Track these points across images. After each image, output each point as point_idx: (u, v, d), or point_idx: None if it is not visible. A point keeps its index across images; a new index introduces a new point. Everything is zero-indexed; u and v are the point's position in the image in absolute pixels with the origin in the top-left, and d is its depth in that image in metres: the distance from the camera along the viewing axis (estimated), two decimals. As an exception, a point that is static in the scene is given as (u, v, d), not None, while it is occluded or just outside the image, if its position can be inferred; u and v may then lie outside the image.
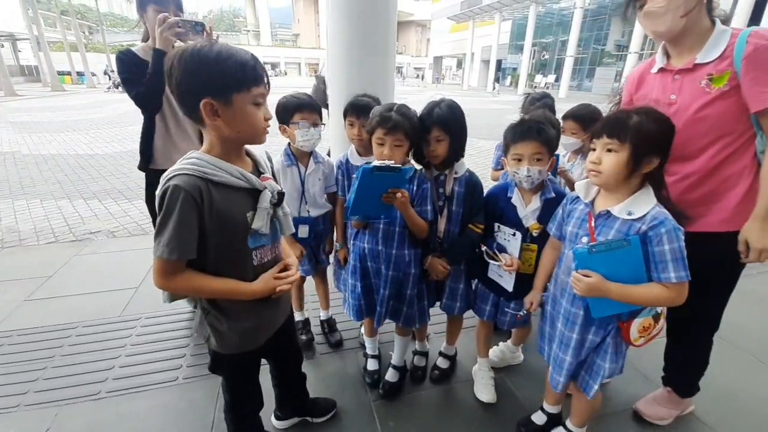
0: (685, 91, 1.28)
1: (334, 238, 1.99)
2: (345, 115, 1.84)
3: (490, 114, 13.18)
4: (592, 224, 1.21)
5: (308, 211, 1.88)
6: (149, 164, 2.01)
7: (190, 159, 0.96)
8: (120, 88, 22.13)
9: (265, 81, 0.98)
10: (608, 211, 1.17)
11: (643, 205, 1.13)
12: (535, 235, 1.53)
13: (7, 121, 10.97)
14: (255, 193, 1.05)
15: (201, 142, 1.02)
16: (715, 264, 1.23)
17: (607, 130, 1.12)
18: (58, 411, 1.69)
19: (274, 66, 55.60)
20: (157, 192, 0.94)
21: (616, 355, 1.27)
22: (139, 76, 1.79)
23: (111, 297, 2.53)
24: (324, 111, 1.95)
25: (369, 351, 1.94)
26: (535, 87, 26.04)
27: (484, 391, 1.79)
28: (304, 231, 1.88)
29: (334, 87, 2.96)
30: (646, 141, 1.09)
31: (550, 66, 30.56)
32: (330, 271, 2.08)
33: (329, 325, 2.21)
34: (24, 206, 4.29)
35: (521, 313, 1.61)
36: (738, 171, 1.28)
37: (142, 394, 1.79)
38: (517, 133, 1.46)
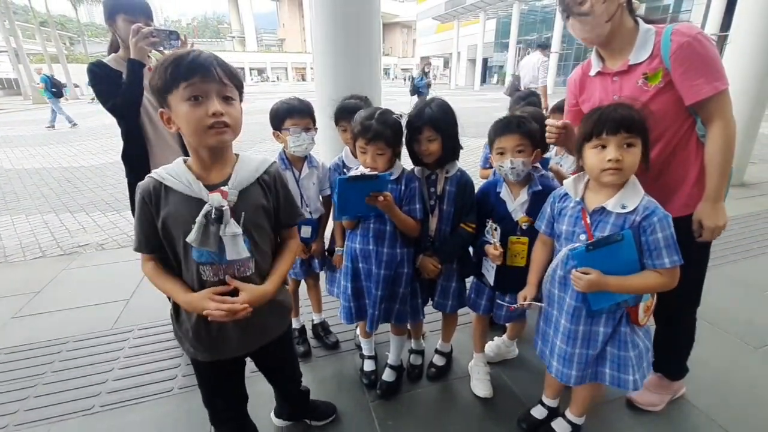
0: (625, 91, 1.34)
1: (326, 242, 1.99)
2: (337, 122, 1.85)
3: (477, 112, 13.25)
4: (588, 221, 1.23)
5: (309, 213, 1.88)
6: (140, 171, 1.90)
7: (168, 165, 1.03)
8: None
9: (215, 74, 0.90)
10: (603, 207, 1.20)
11: (634, 197, 1.17)
12: (524, 227, 1.55)
13: (-12, 135, 10.75)
14: (203, 205, 0.98)
15: (183, 150, 1.03)
16: (684, 246, 1.29)
17: (626, 125, 1.12)
18: (50, 428, 1.66)
19: (260, 71, 55.39)
20: None
21: (636, 340, 1.29)
22: (113, 87, 1.75)
23: (102, 310, 2.50)
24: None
25: (365, 352, 1.94)
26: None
27: (481, 386, 1.80)
28: (306, 231, 1.89)
29: (320, 92, 2.97)
30: (646, 132, 1.14)
31: (535, 63, 30.88)
32: (323, 275, 2.07)
33: (323, 328, 2.21)
34: (8, 222, 4.21)
35: (514, 306, 1.62)
36: (687, 158, 1.36)
37: (137, 407, 1.77)
38: (498, 128, 1.52)
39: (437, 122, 1.52)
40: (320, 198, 1.93)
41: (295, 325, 2.14)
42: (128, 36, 1.68)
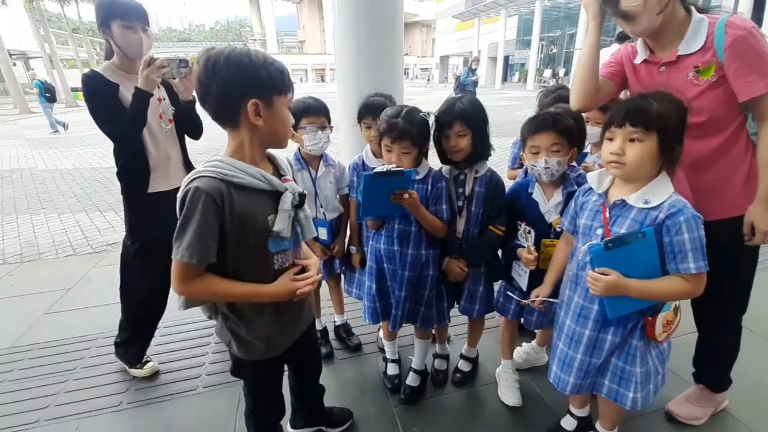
0: (673, 83, 1.26)
1: (346, 241, 1.96)
2: (360, 118, 1.82)
3: (499, 111, 13.04)
4: (607, 215, 1.17)
5: (324, 215, 1.86)
6: (143, 191, 1.76)
7: (211, 162, 0.96)
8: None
9: (293, 89, 1.04)
10: (623, 201, 1.14)
11: (661, 193, 1.09)
12: (558, 230, 1.48)
13: (24, 137, 11.26)
14: (276, 196, 1.03)
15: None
16: (732, 248, 1.23)
17: (631, 118, 1.07)
18: (79, 424, 1.69)
19: (281, 73, 55.99)
20: (179, 194, 0.94)
21: (646, 357, 1.20)
22: (110, 104, 1.62)
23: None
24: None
25: (389, 355, 1.90)
26: (544, 82, 25.70)
27: (509, 394, 1.74)
28: (323, 233, 1.87)
29: (342, 92, 2.96)
30: (671, 128, 1.06)
31: (559, 59, 30.17)
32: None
33: (346, 330, 2.18)
34: (42, 220, 4.38)
35: (526, 302, 1.53)
36: (736, 156, 1.29)
37: (164, 405, 1.79)
38: (532, 126, 1.44)
39: (468, 116, 1.47)
40: (338, 197, 1.91)
41: (317, 327, 2.12)
42: (125, 44, 1.63)
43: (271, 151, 1.11)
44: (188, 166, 1.86)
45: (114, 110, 1.62)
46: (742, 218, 1.29)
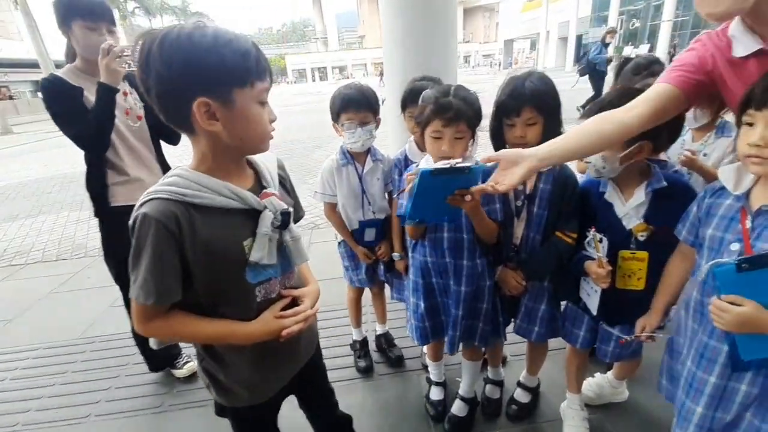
0: None
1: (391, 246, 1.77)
2: (404, 107, 1.62)
3: (569, 97, 11.97)
4: (747, 226, 0.86)
5: (373, 213, 1.70)
6: (107, 205, 1.62)
7: (168, 178, 0.78)
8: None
9: (270, 73, 0.79)
10: None
11: None
12: (641, 239, 1.16)
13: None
14: (255, 215, 0.83)
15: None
16: None
17: None
18: (123, 424, 1.72)
19: (341, 69, 57.36)
20: (130, 221, 0.76)
21: None
22: (72, 108, 1.48)
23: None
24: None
25: (433, 377, 1.68)
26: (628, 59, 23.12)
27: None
28: (371, 234, 1.71)
29: (389, 81, 2.77)
30: None
31: (642, 35, 26.93)
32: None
33: (387, 341, 2.00)
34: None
35: (628, 338, 1.23)
36: None
37: (202, 410, 1.75)
38: (586, 111, 1.15)
39: (541, 99, 1.20)
40: (386, 196, 1.72)
41: (356, 336, 1.97)
42: (87, 46, 1.48)
43: (256, 156, 0.91)
44: (166, 170, 1.62)
45: (75, 110, 1.48)
46: None
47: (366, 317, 2.13)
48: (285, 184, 1.00)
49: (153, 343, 0.90)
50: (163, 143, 1.79)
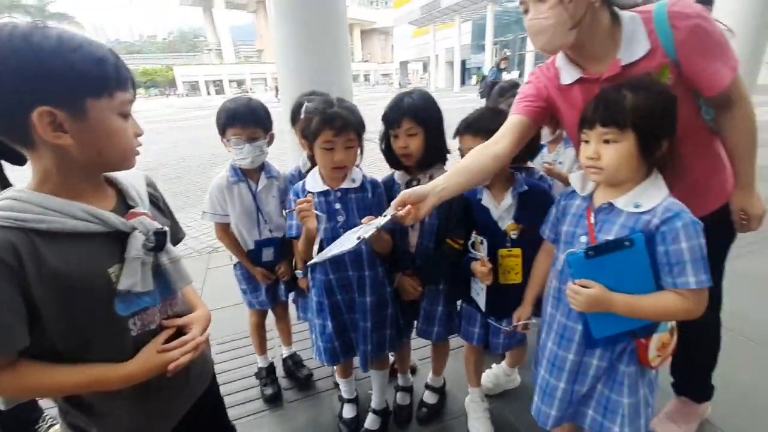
0: None
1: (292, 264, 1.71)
2: (294, 122, 1.61)
3: (458, 114, 13.18)
4: (591, 220, 1.00)
5: (270, 232, 1.61)
6: None
7: (1, 201, 0.64)
8: None
9: (132, 84, 0.71)
10: (610, 204, 0.97)
11: (654, 195, 0.93)
12: (514, 237, 1.31)
13: None
14: (120, 238, 0.73)
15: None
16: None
17: (600, 117, 0.92)
18: None
19: (240, 83, 54.75)
20: None
21: (636, 386, 1.02)
22: None
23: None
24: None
25: (345, 395, 1.65)
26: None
27: (479, 426, 1.54)
28: (269, 254, 1.62)
29: (285, 98, 2.73)
30: (652, 122, 0.89)
31: (513, 62, 31.15)
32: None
33: (294, 362, 1.92)
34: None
35: (507, 329, 1.37)
36: (709, 152, 1.18)
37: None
38: (458, 129, 1.35)
39: (418, 112, 1.29)
40: (283, 213, 1.66)
41: (261, 363, 1.84)
42: None
43: (118, 174, 0.81)
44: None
45: None
46: (719, 211, 1.19)
47: (273, 342, 2.01)
48: (157, 204, 0.90)
49: (0, 403, 0.76)
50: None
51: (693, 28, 0.96)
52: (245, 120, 1.46)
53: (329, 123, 1.20)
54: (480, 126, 1.29)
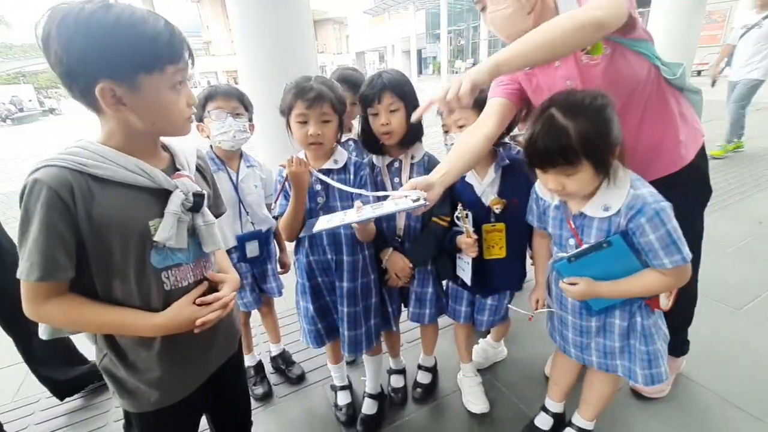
0: (573, 74, 1.13)
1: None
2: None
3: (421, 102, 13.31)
4: (573, 226, 1.07)
5: (252, 225, 1.54)
6: None
7: (70, 148, 0.72)
8: (8, 121, 19.21)
9: (186, 56, 0.76)
10: (582, 213, 1.04)
11: (618, 195, 0.98)
12: (497, 212, 1.34)
13: None
14: (164, 196, 0.79)
15: None
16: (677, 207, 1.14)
17: (552, 161, 0.94)
18: None
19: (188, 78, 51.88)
20: (19, 189, 0.70)
21: (654, 336, 1.11)
22: None
23: None
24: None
25: (337, 382, 1.63)
26: (456, 72, 26.90)
27: (475, 400, 1.58)
28: (253, 249, 1.55)
29: (248, 92, 2.63)
30: (602, 145, 0.92)
31: (467, 51, 31.75)
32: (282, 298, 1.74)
33: (284, 360, 1.87)
34: None
35: (532, 314, 1.35)
36: (666, 111, 1.18)
37: None
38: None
39: (398, 86, 1.28)
40: (265, 206, 1.61)
41: (249, 362, 1.78)
42: None
43: (171, 139, 0.88)
44: None
45: None
46: (686, 170, 1.22)
47: (258, 338, 1.95)
48: (204, 174, 0.98)
49: (43, 332, 0.81)
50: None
51: None
52: (228, 92, 1.42)
53: (302, 95, 1.17)
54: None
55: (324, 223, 1.05)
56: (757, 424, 1.43)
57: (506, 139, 1.52)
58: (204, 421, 1.07)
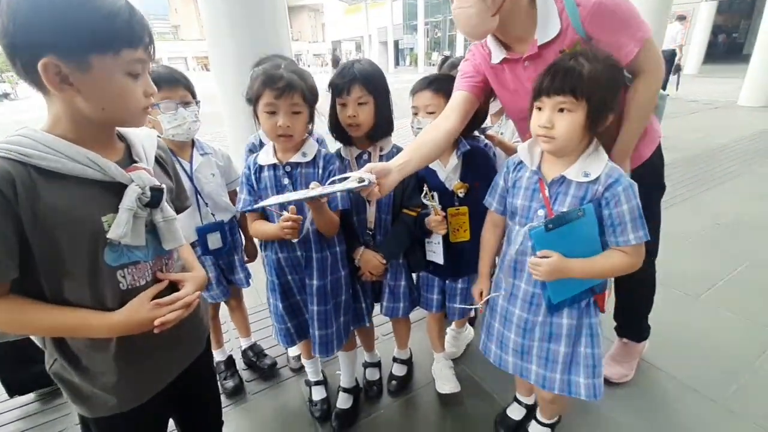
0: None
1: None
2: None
3: (395, 94, 13.25)
4: (546, 194, 1.05)
5: (213, 215, 1.48)
6: None
7: (11, 137, 0.66)
8: None
9: (146, 42, 0.71)
10: (563, 177, 1.02)
11: (597, 163, 1.00)
12: (461, 195, 1.36)
13: None
14: (119, 189, 0.74)
15: None
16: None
17: (558, 85, 0.94)
18: None
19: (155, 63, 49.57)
20: None
21: (600, 338, 1.12)
22: None
23: None
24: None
25: (311, 377, 1.61)
26: (433, 65, 26.89)
27: (446, 381, 1.60)
28: (215, 240, 1.48)
29: (221, 78, 2.54)
30: (604, 94, 0.94)
31: (444, 43, 31.78)
32: (250, 290, 1.69)
33: (255, 353, 1.83)
34: None
35: (478, 306, 1.38)
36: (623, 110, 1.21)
37: None
38: (414, 87, 1.40)
39: (369, 79, 1.25)
40: (227, 194, 1.55)
41: (219, 357, 1.73)
42: None
43: (130, 130, 0.83)
44: None
45: None
46: (645, 165, 1.29)
47: (230, 334, 1.90)
48: (165, 166, 0.92)
49: None
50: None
51: (593, 7, 1.03)
52: (172, 80, 1.33)
53: (270, 83, 1.11)
54: (440, 86, 1.33)
55: (272, 199, 1.05)
56: (712, 406, 1.51)
57: (476, 133, 1.54)
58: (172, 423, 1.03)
